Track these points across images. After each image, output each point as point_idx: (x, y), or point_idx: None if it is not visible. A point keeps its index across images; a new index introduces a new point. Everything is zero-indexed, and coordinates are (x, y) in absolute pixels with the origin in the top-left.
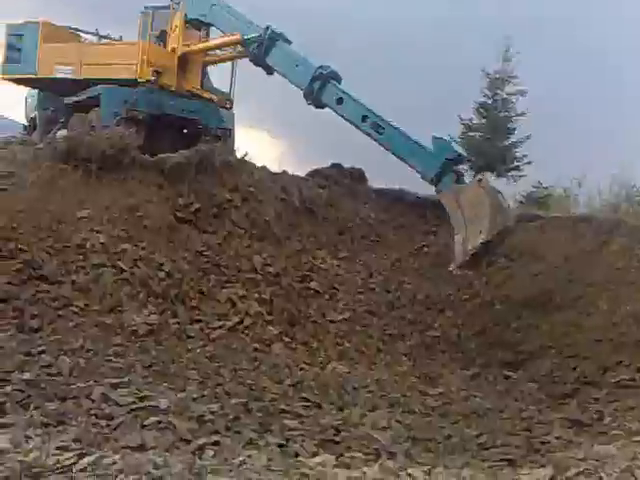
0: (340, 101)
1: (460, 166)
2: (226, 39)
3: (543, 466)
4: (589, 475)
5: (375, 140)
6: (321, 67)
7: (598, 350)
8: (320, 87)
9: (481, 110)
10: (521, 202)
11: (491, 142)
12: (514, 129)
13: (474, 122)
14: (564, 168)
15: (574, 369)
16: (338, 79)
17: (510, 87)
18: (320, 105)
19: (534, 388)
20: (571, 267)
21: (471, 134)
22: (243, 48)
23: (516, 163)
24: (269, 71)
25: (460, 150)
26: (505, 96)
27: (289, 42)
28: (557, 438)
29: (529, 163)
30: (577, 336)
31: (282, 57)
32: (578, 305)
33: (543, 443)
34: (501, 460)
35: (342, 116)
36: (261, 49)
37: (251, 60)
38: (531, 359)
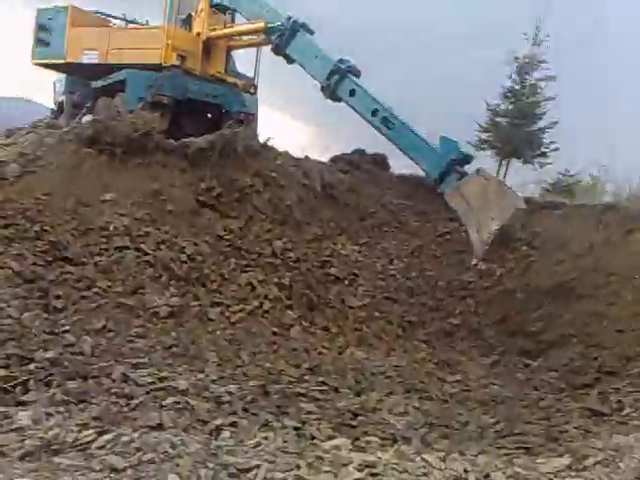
0: (352, 93)
1: (466, 166)
2: (250, 26)
3: (561, 455)
4: (607, 465)
5: (384, 135)
6: (340, 61)
7: (620, 340)
8: (337, 81)
9: (508, 95)
10: (547, 190)
11: (518, 128)
12: (542, 115)
13: (501, 108)
14: (592, 155)
15: (595, 359)
16: (357, 74)
17: (539, 72)
18: (336, 99)
19: (554, 377)
20: (595, 256)
21: (497, 119)
22: (266, 36)
23: (543, 149)
24: (289, 61)
25: (467, 150)
26: (533, 81)
27: (311, 32)
28: (576, 428)
29: (556, 150)
30: (599, 326)
31: (302, 48)
32: (601, 295)
33: (561, 432)
34: (518, 448)
35: (353, 108)
36: (282, 39)
37: (272, 49)
38: (552, 348)
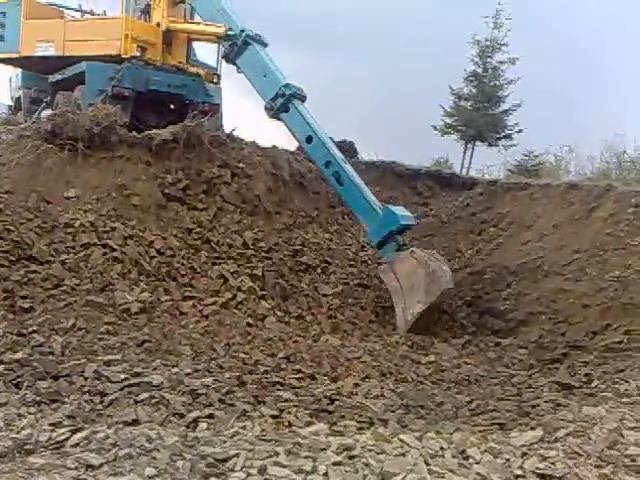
0: (309, 140)
1: (406, 233)
2: (209, 29)
3: (533, 429)
4: (578, 436)
5: (334, 188)
6: (287, 86)
7: (586, 315)
8: (281, 105)
9: (471, 79)
10: (511, 171)
11: (482, 111)
12: (505, 97)
13: (464, 92)
14: (555, 136)
15: (563, 334)
16: (302, 99)
17: (500, 55)
18: (278, 119)
19: (524, 354)
20: (560, 234)
21: (461, 104)
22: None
23: (507, 132)
24: (238, 71)
25: (409, 221)
26: (495, 64)
27: (265, 45)
28: (546, 402)
29: (520, 131)
30: (566, 302)
31: (252, 63)
32: (567, 272)
33: (533, 407)
34: (492, 424)
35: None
36: (233, 48)
37: (222, 56)
38: (521, 326)
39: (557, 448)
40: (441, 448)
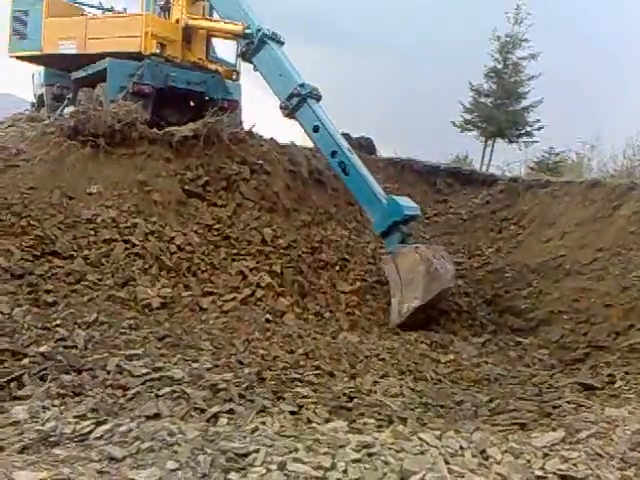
0: (316, 129)
1: (411, 223)
2: (228, 27)
3: (554, 429)
4: (600, 437)
5: (339, 177)
6: (302, 85)
7: (609, 315)
8: (296, 105)
9: (491, 75)
10: (532, 168)
11: (502, 107)
12: (526, 93)
13: (484, 88)
14: (577, 133)
15: (585, 334)
16: (318, 98)
17: (521, 51)
18: (293, 118)
19: (545, 354)
20: (582, 233)
21: (481, 100)
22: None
23: (527, 128)
24: (255, 69)
25: (413, 212)
26: (516, 60)
27: (281, 43)
28: (568, 402)
29: (541, 128)
30: (588, 301)
31: (268, 62)
32: (589, 271)
33: (555, 407)
34: (512, 424)
35: (314, 143)
36: (250, 47)
37: (239, 54)
38: (542, 325)
39: (579, 449)
40: (461, 447)
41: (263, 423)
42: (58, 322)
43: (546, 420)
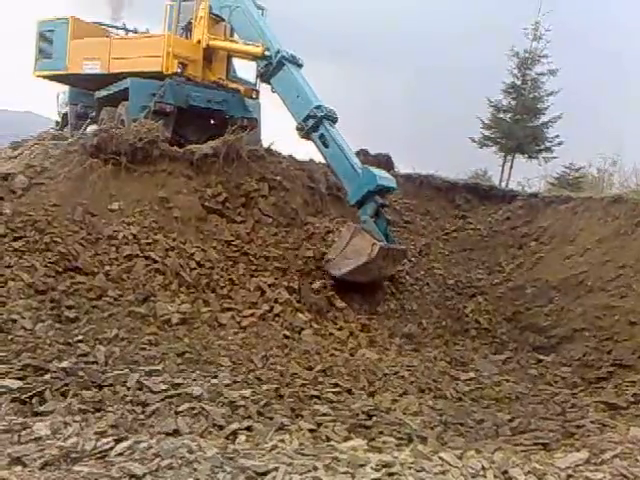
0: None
1: (388, 195)
2: (248, 48)
3: (578, 450)
4: (625, 458)
5: (319, 150)
6: (319, 107)
7: (633, 333)
8: (312, 126)
9: (510, 91)
10: (552, 184)
11: (521, 123)
12: (545, 109)
13: (503, 104)
14: (598, 148)
15: (609, 352)
16: (334, 120)
17: (540, 66)
18: (309, 139)
19: (568, 372)
20: (604, 249)
21: (500, 116)
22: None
23: (547, 144)
24: (273, 90)
25: (388, 182)
26: (535, 76)
27: (300, 66)
28: (592, 422)
29: (561, 144)
30: (611, 319)
31: (285, 84)
32: (612, 287)
33: (578, 427)
34: (535, 444)
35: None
36: (269, 69)
37: (258, 75)
38: (564, 343)
39: (604, 470)
40: (482, 468)
41: (282, 441)
42: (79, 338)
43: (569, 440)
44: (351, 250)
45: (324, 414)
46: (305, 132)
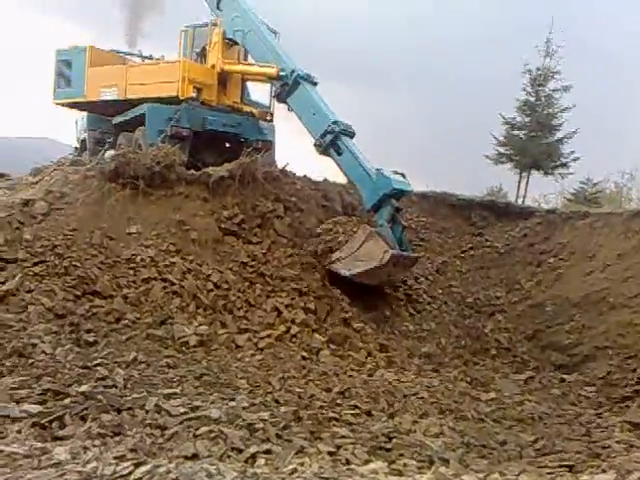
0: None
1: (403, 198)
2: (263, 70)
3: (605, 471)
4: None
5: (333, 159)
6: (335, 123)
7: None
8: (330, 142)
9: (524, 108)
10: (569, 200)
11: (536, 140)
12: (559, 125)
13: (517, 120)
14: (614, 163)
15: (634, 370)
16: (351, 135)
17: (554, 83)
18: (327, 156)
19: (592, 391)
20: (625, 265)
21: (514, 133)
22: (273, 81)
23: (563, 160)
24: (289, 109)
25: (404, 186)
26: (548, 92)
27: (315, 84)
28: (618, 442)
29: (576, 159)
30: (635, 336)
31: (302, 102)
32: (634, 304)
33: (604, 448)
34: (560, 466)
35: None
36: (284, 89)
37: (274, 96)
38: (587, 361)
39: None
40: None
41: (301, 464)
42: (98, 361)
43: (596, 461)
44: (363, 252)
45: (343, 436)
46: (323, 148)
